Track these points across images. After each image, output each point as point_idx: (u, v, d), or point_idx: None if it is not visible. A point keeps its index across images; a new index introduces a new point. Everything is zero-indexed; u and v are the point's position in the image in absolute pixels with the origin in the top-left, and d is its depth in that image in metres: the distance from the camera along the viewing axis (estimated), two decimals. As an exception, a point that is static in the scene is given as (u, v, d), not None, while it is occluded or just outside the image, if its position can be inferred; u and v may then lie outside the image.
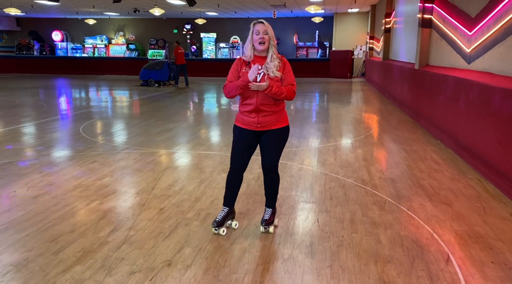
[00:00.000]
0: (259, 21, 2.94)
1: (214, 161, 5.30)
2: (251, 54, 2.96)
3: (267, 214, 3.25)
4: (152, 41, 26.07)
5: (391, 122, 8.26)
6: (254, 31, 2.93)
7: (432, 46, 8.09)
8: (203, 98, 13.00)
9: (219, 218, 3.16)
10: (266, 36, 2.91)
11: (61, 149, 6.02)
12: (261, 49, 2.93)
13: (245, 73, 2.92)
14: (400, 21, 12.10)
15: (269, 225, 3.21)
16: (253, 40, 2.93)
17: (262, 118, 2.97)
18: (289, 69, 3.02)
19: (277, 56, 2.98)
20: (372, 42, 18.87)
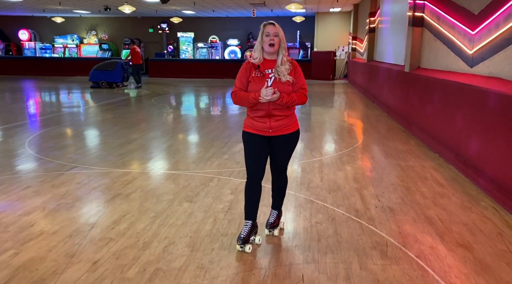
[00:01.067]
0: (270, 22, 2.84)
1: (177, 185, 4.40)
2: (261, 57, 2.87)
3: (272, 216, 3.23)
4: (127, 40, 24.86)
5: (380, 131, 7.50)
6: (264, 32, 2.83)
7: (425, 47, 7.37)
8: (178, 103, 12.04)
9: (244, 234, 2.95)
10: (276, 38, 2.81)
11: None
12: (271, 52, 2.84)
13: (255, 78, 2.84)
14: (386, 20, 11.42)
15: (274, 228, 3.20)
16: (263, 42, 2.83)
17: (275, 123, 2.89)
18: (300, 72, 2.93)
19: (287, 59, 2.88)
20: (355, 42, 18.24)
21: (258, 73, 2.85)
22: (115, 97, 12.70)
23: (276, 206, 3.25)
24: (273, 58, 2.88)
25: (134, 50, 15.65)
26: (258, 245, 3.03)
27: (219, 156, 5.63)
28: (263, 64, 2.87)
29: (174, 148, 6.20)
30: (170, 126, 7.91)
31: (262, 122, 2.89)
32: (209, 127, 7.98)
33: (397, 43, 9.77)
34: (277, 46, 2.83)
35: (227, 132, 7.31)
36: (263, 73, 2.85)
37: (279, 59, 2.85)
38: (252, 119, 2.93)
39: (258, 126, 2.91)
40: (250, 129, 2.95)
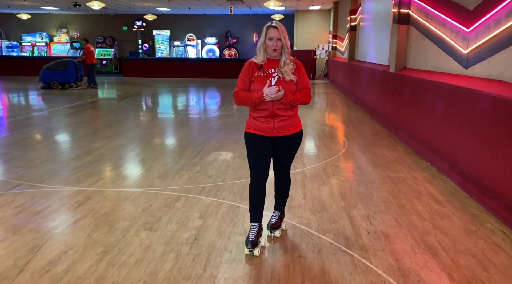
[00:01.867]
0: (273, 25, 2.78)
1: (137, 207, 3.76)
2: (264, 57, 2.84)
3: (274, 217, 3.20)
4: (100, 39, 23.89)
5: (365, 135, 7.01)
6: (267, 36, 2.79)
7: (411, 46, 6.92)
8: (151, 105, 11.31)
9: (252, 237, 2.89)
10: (280, 43, 2.79)
11: None
12: (274, 55, 2.83)
13: (258, 77, 2.82)
14: (368, 18, 10.98)
15: (275, 229, 3.15)
16: (266, 45, 2.81)
17: (278, 124, 2.86)
18: (304, 72, 2.91)
19: (290, 59, 2.85)
20: (335, 41, 17.84)
21: (261, 72, 2.82)
22: (82, 99, 11.87)
23: (278, 207, 3.22)
24: (276, 58, 2.86)
25: (88, 49, 14.81)
26: (263, 247, 2.99)
27: (189, 168, 5.01)
28: (266, 64, 2.84)
29: (139, 159, 5.54)
30: (138, 132, 7.23)
31: (265, 122, 2.85)
32: (182, 132, 7.33)
33: (380, 42, 9.33)
34: (280, 50, 2.81)
35: (202, 139, 6.69)
36: (266, 72, 2.82)
37: (282, 60, 2.82)
38: (255, 119, 2.89)
39: (261, 127, 2.87)
40: (253, 130, 2.90)
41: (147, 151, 5.97)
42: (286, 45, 2.81)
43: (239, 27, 23.56)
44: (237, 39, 23.62)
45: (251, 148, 2.93)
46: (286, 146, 2.95)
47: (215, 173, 4.83)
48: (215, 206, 3.79)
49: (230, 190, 4.23)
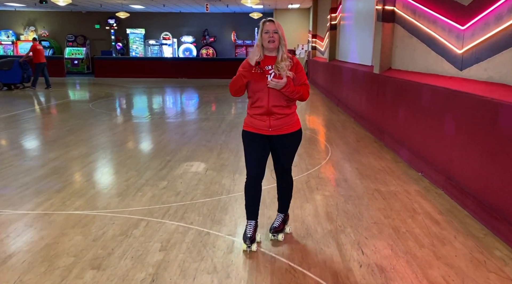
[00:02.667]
0: (269, 19, 2.81)
1: (87, 236, 3.16)
2: (261, 54, 2.81)
3: (277, 221, 3.12)
4: (70, 37, 22.86)
5: (349, 141, 6.55)
6: (264, 30, 2.80)
7: (397, 45, 6.49)
8: (122, 107, 10.59)
9: (250, 233, 2.92)
10: (276, 35, 2.79)
11: None
12: (271, 48, 2.80)
13: (255, 74, 2.81)
14: (349, 16, 10.57)
15: (278, 232, 3.08)
16: (262, 39, 2.80)
17: (274, 122, 2.85)
18: (301, 69, 2.90)
19: (287, 55, 2.83)
20: (315, 41, 17.45)
21: (258, 69, 2.81)
22: (45, 102, 11.06)
23: (282, 209, 3.14)
24: (273, 55, 2.84)
25: (34, 47, 13.96)
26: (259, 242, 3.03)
27: (154, 183, 4.42)
28: (263, 61, 2.83)
29: (98, 172, 4.90)
30: (103, 140, 6.56)
31: (261, 120, 2.85)
32: (152, 139, 6.71)
33: (362, 42, 8.91)
34: (277, 42, 2.79)
35: (173, 146, 6.09)
36: (263, 69, 2.81)
37: (279, 55, 2.81)
38: (252, 117, 2.89)
39: (257, 124, 2.87)
40: (250, 128, 2.91)
41: (109, 162, 5.33)
42: (283, 37, 2.80)
43: (217, 26, 22.94)
44: (215, 38, 22.99)
45: (247, 146, 2.93)
46: (283, 145, 2.91)
47: (184, 188, 4.26)
48: (181, 232, 3.22)
49: (199, 211, 3.67)
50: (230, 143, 6.34)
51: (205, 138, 6.71)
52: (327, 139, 6.78)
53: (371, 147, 6.16)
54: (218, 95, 13.01)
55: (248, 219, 2.98)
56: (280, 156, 2.97)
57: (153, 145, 6.26)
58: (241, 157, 5.52)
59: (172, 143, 6.37)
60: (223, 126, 7.72)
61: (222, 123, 8.09)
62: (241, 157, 5.54)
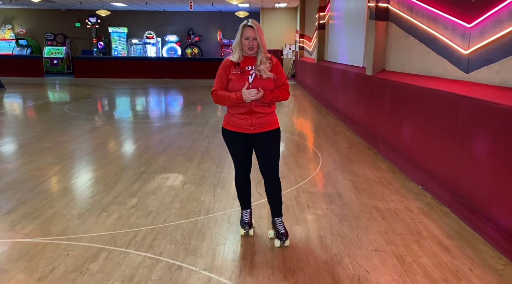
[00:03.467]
0: (249, 24, 2.77)
1: (31, 273, 2.60)
2: (240, 55, 2.83)
3: (280, 226, 2.99)
4: (49, 36, 22.02)
5: (341, 148, 6.09)
6: (243, 35, 2.78)
7: (391, 45, 6.05)
8: (99, 110, 9.96)
9: (247, 219, 3.11)
10: (255, 42, 2.78)
11: None
12: (250, 53, 2.83)
13: (236, 75, 2.82)
14: (338, 15, 10.13)
15: (287, 238, 2.96)
16: (242, 44, 2.80)
17: (256, 120, 2.87)
18: (281, 69, 2.93)
19: (266, 57, 2.83)
20: (303, 41, 17.01)
21: (238, 70, 2.83)
22: (18, 104, 10.37)
23: (278, 213, 3.07)
24: (252, 56, 2.85)
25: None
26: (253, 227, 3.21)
27: (123, 201, 3.87)
28: (242, 61, 2.84)
29: (60, 187, 4.33)
30: (72, 148, 5.98)
31: (243, 119, 2.87)
32: (126, 146, 6.14)
33: (353, 42, 8.48)
34: (256, 49, 2.81)
35: (148, 155, 5.54)
36: (243, 70, 2.82)
37: (258, 59, 2.82)
38: (233, 116, 2.89)
39: (239, 123, 2.88)
40: (231, 126, 2.92)
41: (75, 175, 4.76)
42: (262, 45, 2.80)
43: (202, 25, 22.36)
44: (200, 37, 22.41)
45: (230, 145, 2.99)
46: (266, 142, 2.92)
47: (156, 207, 3.72)
48: (147, 267, 2.69)
49: (172, 236, 3.15)
50: (212, 151, 5.82)
51: (185, 145, 6.18)
52: (317, 145, 6.30)
53: (365, 155, 5.71)
54: (203, 97, 12.47)
55: (243, 209, 3.18)
56: (265, 155, 2.94)
57: (127, 153, 5.70)
58: (223, 167, 5.01)
59: (149, 151, 5.82)
60: (205, 132, 7.20)
61: (205, 128, 7.55)
62: (223, 167, 5.03)
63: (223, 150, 5.78)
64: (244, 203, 3.17)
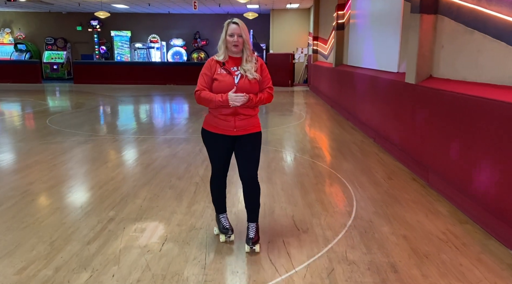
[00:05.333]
0: (233, 21, 2.76)
1: None
2: (225, 55, 2.79)
3: (251, 231, 2.93)
4: (49, 40, 21.03)
5: (377, 178, 4.71)
6: (228, 32, 2.75)
7: (442, 45, 4.66)
8: (87, 123, 8.69)
9: (227, 225, 3.04)
10: (240, 39, 2.75)
11: None
12: (235, 51, 2.78)
13: (221, 75, 2.77)
14: (362, 13, 8.77)
15: (255, 244, 2.89)
16: (227, 41, 2.76)
17: (239, 122, 2.82)
18: (266, 69, 2.90)
19: (252, 56, 2.82)
20: (317, 43, 15.66)
21: (223, 70, 2.77)
22: (0, 115, 9.16)
23: (252, 218, 2.96)
24: (238, 56, 2.81)
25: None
26: None
27: (66, 279, 2.54)
28: (228, 62, 2.80)
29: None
30: (27, 179, 4.67)
31: (226, 121, 2.81)
32: (100, 175, 4.82)
33: (382, 43, 7.10)
34: (241, 46, 2.77)
35: (125, 189, 4.23)
36: (229, 70, 2.77)
37: (243, 57, 2.79)
38: (216, 117, 2.83)
39: (221, 125, 2.82)
40: (213, 128, 2.85)
41: (12, 225, 3.42)
42: (247, 42, 2.77)
43: (209, 28, 21.14)
44: (207, 41, 21.18)
45: (211, 147, 2.93)
46: (247, 144, 2.85)
47: (113, 295, 2.38)
48: None
49: None
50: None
51: (176, 173, 4.86)
52: (344, 173, 4.92)
53: (411, 189, 4.31)
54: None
55: (219, 213, 3.09)
56: (245, 161, 2.87)
57: (97, 188, 4.38)
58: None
59: (128, 182, 4.50)
60: (204, 152, 5.83)
61: (204, 146, 6.22)
62: (222, 211, 3.67)
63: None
64: (220, 207, 3.09)
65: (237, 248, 2.98)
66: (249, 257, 2.86)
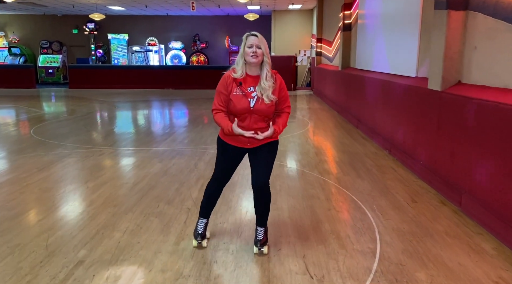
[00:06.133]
0: (252, 33, 2.75)
1: None
2: (243, 71, 2.74)
3: (260, 233, 2.97)
4: (45, 43, 20.43)
5: (399, 201, 4.04)
6: (246, 44, 2.72)
7: (475, 46, 4.00)
8: (75, 133, 8.04)
9: (201, 230, 3.03)
10: (259, 51, 2.70)
11: None
12: (254, 63, 2.70)
13: (236, 96, 2.72)
14: (372, 13, 8.12)
15: (263, 245, 2.94)
16: (245, 53, 2.72)
17: None
18: (284, 88, 2.83)
19: (271, 73, 2.75)
20: (320, 45, 15.03)
21: (239, 91, 2.73)
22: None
23: (262, 223, 2.99)
24: (256, 74, 2.76)
25: None
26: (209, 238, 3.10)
27: None
28: (245, 80, 2.75)
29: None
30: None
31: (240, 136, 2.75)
32: (76, 200, 4.15)
33: (396, 44, 6.45)
34: (260, 58, 2.70)
35: (102, 219, 3.56)
36: (245, 92, 2.72)
37: (263, 74, 2.73)
38: None
39: (236, 138, 2.80)
40: (228, 139, 2.84)
41: None
42: (267, 54, 2.71)
43: (209, 30, 20.53)
44: (207, 44, 20.56)
45: (220, 153, 2.91)
46: (260, 156, 2.83)
47: None
48: None
49: None
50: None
51: (166, 195, 4.19)
52: (359, 194, 4.24)
53: (443, 217, 3.64)
54: (207, 111, 10.53)
55: (200, 217, 3.06)
56: (258, 169, 2.82)
57: (69, 216, 3.71)
58: (217, 248, 2.99)
59: (107, 208, 3.84)
60: (200, 167, 5.21)
61: (200, 160, 5.58)
62: (217, 246, 3.01)
63: (220, 208, 3.76)
64: (206, 211, 3.06)
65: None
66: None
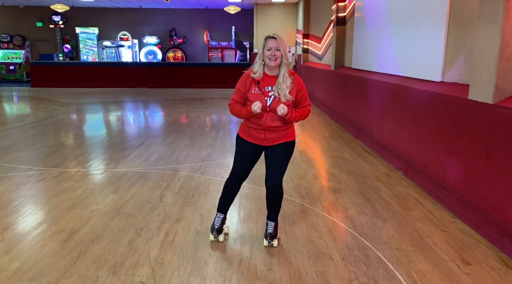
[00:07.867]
0: (272, 36, 2.82)
1: None
2: (261, 71, 2.83)
3: (270, 227, 3.09)
4: (5, 37, 18.68)
5: (443, 259, 2.89)
6: (266, 46, 2.80)
7: (548, 43, 2.86)
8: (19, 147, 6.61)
9: (217, 225, 3.10)
10: (278, 53, 2.78)
11: None
12: (272, 66, 2.80)
13: (254, 95, 2.82)
14: (374, 6, 6.97)
15: (273, 238, 3.06)
16: (264, 56, 2.81)
17: (270, 135, 2.91)
18: (303, 87, 2.90)
19: (289, 74, 2.82)
20: (307, 42, 13.89)
21: (257, 90, 2.82)
22: None
23: (273, 217, 3.10)
24: (274, 74, 2.84)
25: None
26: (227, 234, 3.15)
27: None
28: (263, 80, 2.83)
29: None
30: None
31: (257, 133, 2.91)
32: (15, 248, 2.84)
33: (411, 41, 5.31)
34: (279, 60, 2.78)
35: (48, 277, 2.27)
36: (263, 91, 2.81)
37: (280, 75, 2.80)
38: (248, 128, 2.94)
39: (253, 135, 2.92)
40: (246, 136, 2.96)
41: None
42: (286, 56, 2.78)
43: (186, 24, 19.12)
44: (184, 38, 19.16)
45: (240, 149, 3.00)
46: (276, 155, 2.92)
47: None
48: None
49: None
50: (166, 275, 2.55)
51: (111, 257, 2.92)
52: (388, 250, 3.06)
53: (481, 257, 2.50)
54: (187, 114, 9.23)
55: (218, 211, 3.12)
56: (273, 169, 2.91)
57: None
58: None
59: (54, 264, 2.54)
60: (167, 201, 3.94)
61: (168, 187, 4.31)
62: None
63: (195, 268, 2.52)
64: (223, 206, 3.12)
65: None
66: None
